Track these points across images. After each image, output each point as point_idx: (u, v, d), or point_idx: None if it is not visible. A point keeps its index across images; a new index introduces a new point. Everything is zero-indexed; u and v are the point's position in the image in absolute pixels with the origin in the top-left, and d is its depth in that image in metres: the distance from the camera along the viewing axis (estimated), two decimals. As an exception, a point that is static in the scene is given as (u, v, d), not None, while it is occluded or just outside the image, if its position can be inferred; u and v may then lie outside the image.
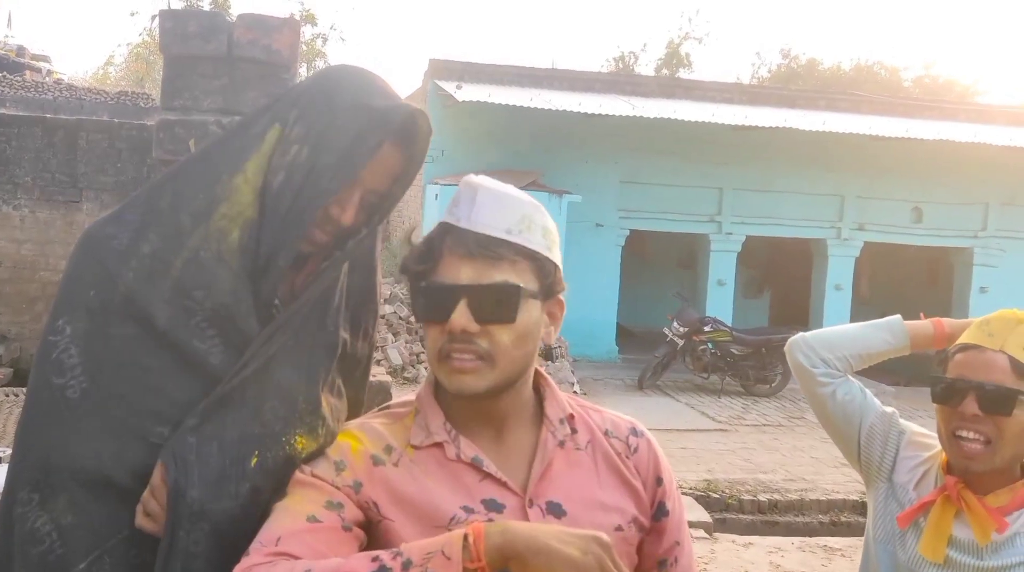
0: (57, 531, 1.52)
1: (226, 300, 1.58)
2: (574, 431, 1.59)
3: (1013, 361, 1.95)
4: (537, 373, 1.61)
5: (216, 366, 1.56)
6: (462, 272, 1.46)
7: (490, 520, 1.41)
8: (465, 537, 1.30)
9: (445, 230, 1.49)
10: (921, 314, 2.36)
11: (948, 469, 2.09)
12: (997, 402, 1.94)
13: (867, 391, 2.29)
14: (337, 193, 1.60)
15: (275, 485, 1.52)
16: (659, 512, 1.62)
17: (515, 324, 1.46)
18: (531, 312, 1.49)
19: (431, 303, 1.48)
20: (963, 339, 2.04)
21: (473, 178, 1.52)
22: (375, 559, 1.32)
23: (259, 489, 1.53)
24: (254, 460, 1.54)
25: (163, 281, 1.56)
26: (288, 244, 1.60)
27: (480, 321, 1.44)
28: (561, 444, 1.57)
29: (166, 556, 1.49)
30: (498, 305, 1.45)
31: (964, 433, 1.97)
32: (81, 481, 1.52)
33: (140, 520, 1.52)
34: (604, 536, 1.32)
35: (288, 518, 1.42)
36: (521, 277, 1.47)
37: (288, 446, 1.57)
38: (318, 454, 1.54)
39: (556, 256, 1.54)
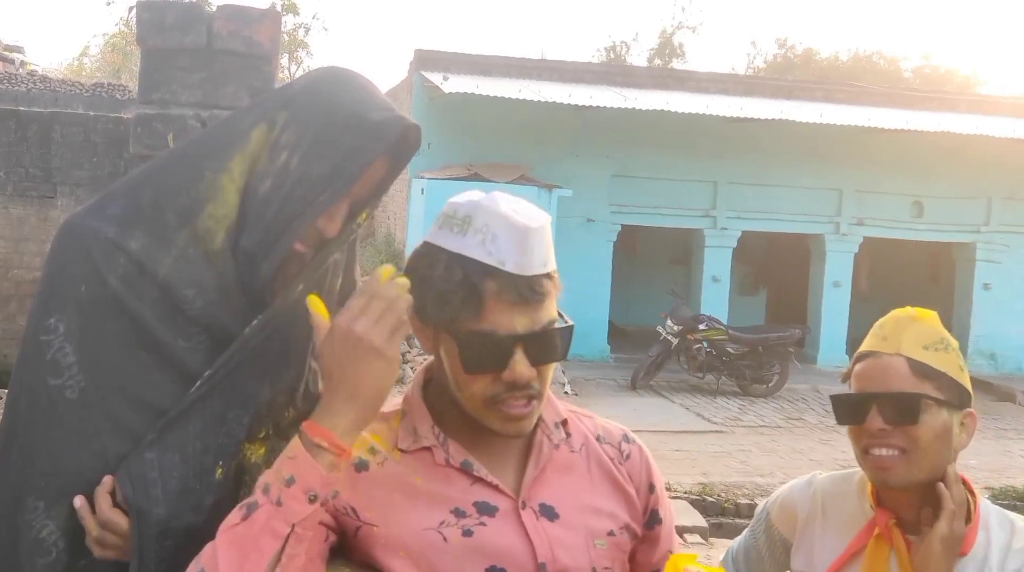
0: (63, 538, 1.51)
1: (216, 298, 1.56)
2: (568, 435, 1.60)
3: (911, 362, 1.76)
4: None
5: (198, 366, 1.54)
6: (516, 321, 1.43)
7: (482, 523, 1.44)
8: (300, 433, 1.36)
9: (485, 273, 1.41)
10: None
11: (878, 500, 1.85)
12: (901, 411, 1.74)
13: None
14: (329, 207, 1.56)
15: (234, 496, 1.52)
16: (652, 520, 1.64)
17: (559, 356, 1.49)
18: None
19: (486, 354, 1.44)
20: (861, 346, 1.85)
21: (501, 207, 1.44)
22: (240, 507, 1.34)
23: (223, 501, 1.50)
24: (219, 471, 1.54)
25: (152, 278, 1.53)
26: (272, 255, 1.56)
27: (535, 364, 1.45)
28: (556, 448, 1.57)
29: None
30: (551, 346, 1.46)
31: (877, 451, 1.76)
32: (86, 483, 1.50)
33: (98, 552, 1.50)
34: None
35: None
36: (554, 304, 1.48)
37: (241, 455, 1.58)
38: (269, 459, 1.52)
39: None
